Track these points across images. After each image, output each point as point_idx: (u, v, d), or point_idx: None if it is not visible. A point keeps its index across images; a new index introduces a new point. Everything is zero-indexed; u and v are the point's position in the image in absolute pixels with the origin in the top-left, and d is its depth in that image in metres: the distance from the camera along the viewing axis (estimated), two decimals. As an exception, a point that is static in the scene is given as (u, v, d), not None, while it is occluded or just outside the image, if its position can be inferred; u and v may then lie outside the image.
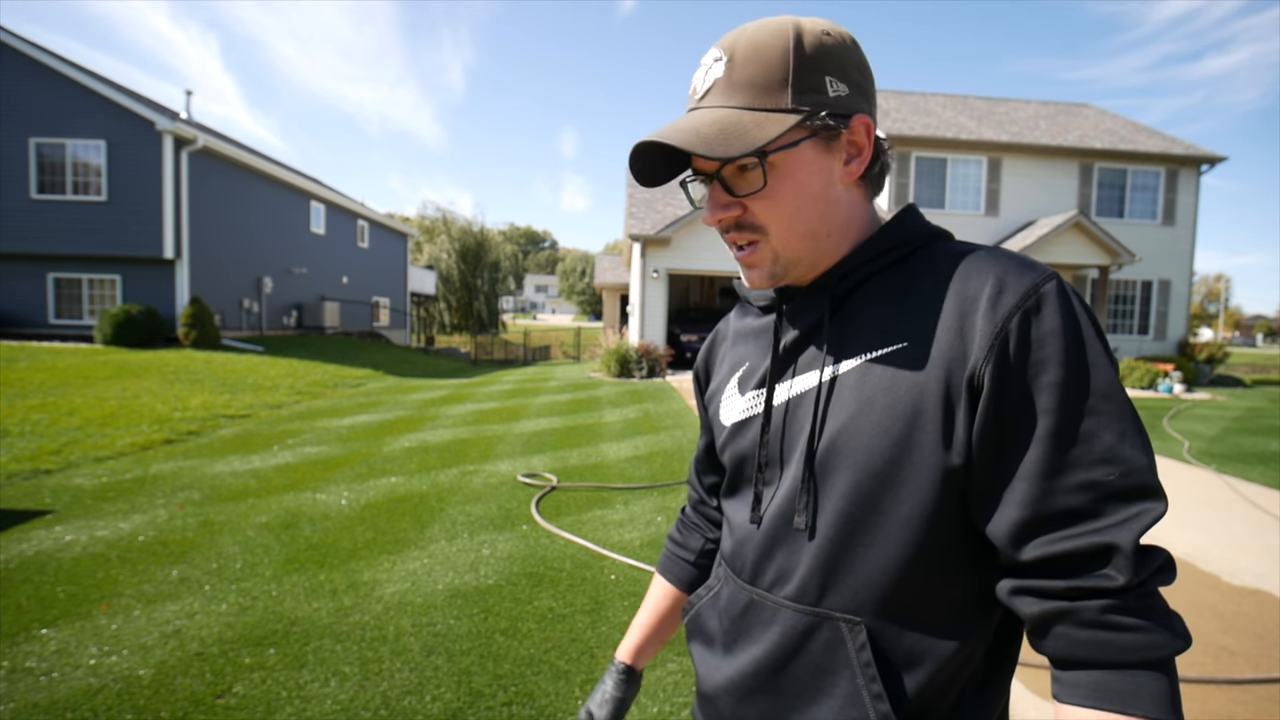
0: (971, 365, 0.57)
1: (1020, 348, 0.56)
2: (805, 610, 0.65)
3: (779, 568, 0.67)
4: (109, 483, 4.57)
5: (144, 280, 12.50)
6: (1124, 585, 0.52)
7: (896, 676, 0.62)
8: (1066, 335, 0.56)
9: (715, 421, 0.79)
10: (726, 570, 0.75)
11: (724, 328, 0.86)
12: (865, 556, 0.61)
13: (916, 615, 0.62)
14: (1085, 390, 0.55)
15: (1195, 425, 8.17)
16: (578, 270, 77.82)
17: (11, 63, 12.05)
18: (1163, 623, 0.53)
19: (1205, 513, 4.42)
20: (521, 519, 3.99)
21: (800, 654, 0.65)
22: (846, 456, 0.61)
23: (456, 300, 31.28)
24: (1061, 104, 18.41)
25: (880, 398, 0.60)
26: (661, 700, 2.16)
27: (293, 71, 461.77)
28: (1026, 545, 0.56)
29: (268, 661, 2.33)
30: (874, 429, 0.60)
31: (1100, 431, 0.54)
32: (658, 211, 15.59)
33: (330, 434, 6.55)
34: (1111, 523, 0.53)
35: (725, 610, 0.74)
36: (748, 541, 0.70)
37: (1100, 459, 0.54)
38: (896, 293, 0.64)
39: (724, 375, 0.79)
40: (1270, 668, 2.41)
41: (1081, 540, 0.53)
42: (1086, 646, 0.54)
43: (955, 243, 0.67)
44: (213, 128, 16.91)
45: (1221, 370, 16.19)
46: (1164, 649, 0.52)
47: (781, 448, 0.68)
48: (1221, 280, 75.67)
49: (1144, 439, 0.55)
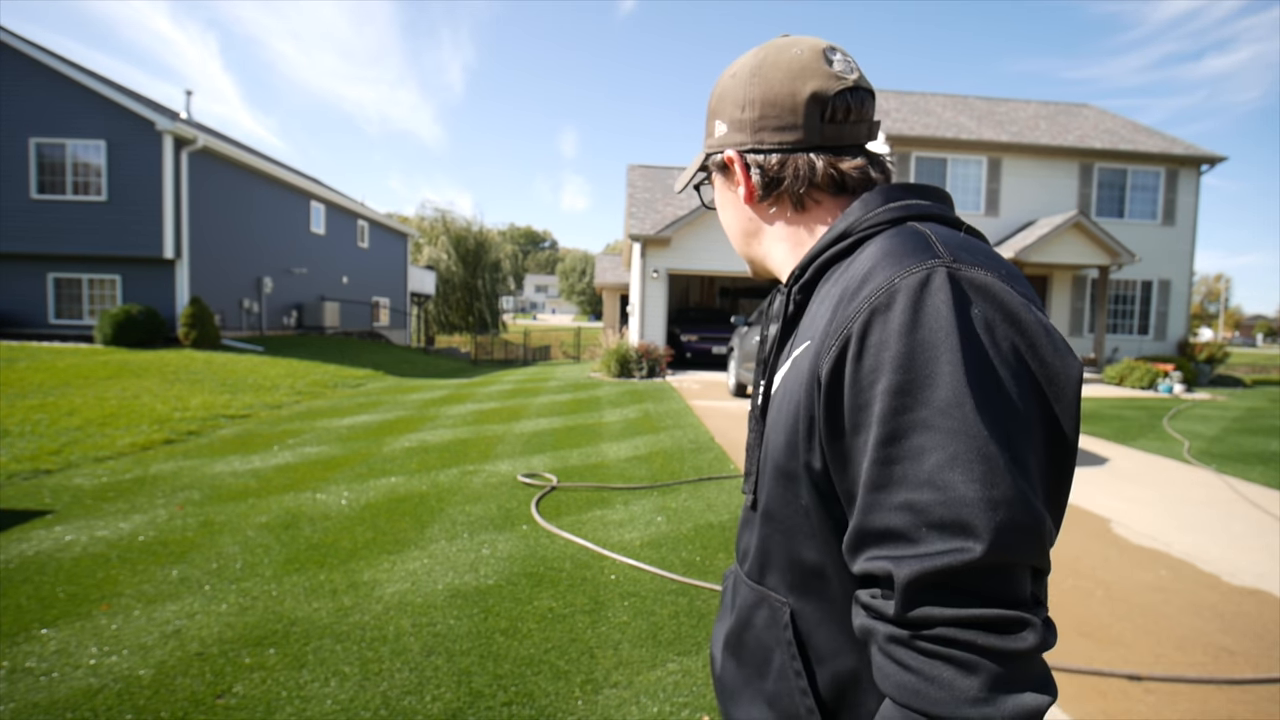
0: (827, 365, 0.55)
1: (858, 349, 0.52)
2: (752, 586, 0.71)
3: (744, 544, 0.75)
4: (109, 483, 4.57)
5: (144, 280, 12.50)
6: (892, 618, 0.49)
7: (817, 659, 0.64)
8: (908, 337, 0.50)
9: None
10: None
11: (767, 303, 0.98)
12: (783, 543, 0.66)
13: (830, 603, 0.62)
14: (919, 401, 0.49)
15: (1195, 425, 8.17)
16: (578, 270, 77.82)
17: (11, 63, 12.05)
18: (946, 678, 0.46)
19: (1205, 513, 4.42)
20: (521, 519, 3.99)
21: (749, 627, 0.71)
22: (769, 450, 0.67)
23: (456, 300, 31.28)
24: (1061, 104, 18.40)
25: (786, 396, 0.64)
26: (662, 700, 2.16)
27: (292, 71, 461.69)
28: (855, 557, 0.53)
29: (268, 661, 2.33)
30: (779, 426, 0.65)
31: (930, 450, 0.48)
32: (658, 211, 15.60)
33: (330, 434, 6.55)
34: (912, 553, 0.48)
35: (728, 584, 0.83)
36: (743, 523, 0.79)
37: (924, 481, 0.48)
38: (833, 285, 0.64)
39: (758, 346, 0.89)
40: (1270, 668, 2.41)
41: (875, 563, 0.50)
42: (876, 669, 0.51)
43: (907, 226, 0.61)
44: (213, 128, 16.92)
45: (1221, 370, 16.19)
46: (932, 706, 0.46)
47: (759, 441, 0.73)
48: (1221, 280, 75.67)
49: (986, 467, 0.47)
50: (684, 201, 16.17)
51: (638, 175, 18.17)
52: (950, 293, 0.51)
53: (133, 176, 12.14)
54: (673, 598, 2.92)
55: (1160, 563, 3.49)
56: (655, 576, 3.15)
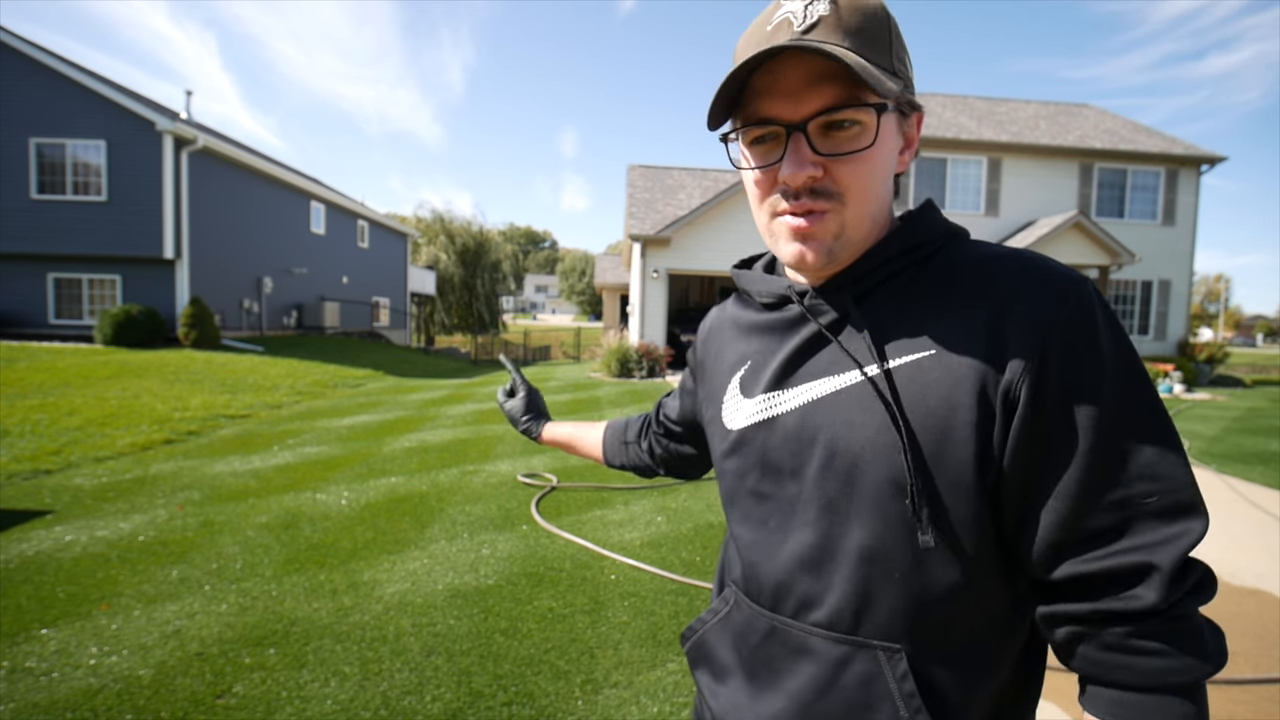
0: (1009, 377, 0.53)
1: (1061, 359, 0.53)
2: (840, 639, 0.59)
3: (804, 591, 0.61)
4: (109, 483, 4.57)
5: (144, 280, 12.50)
6: (1151, 607, 0.50)
7: (941, 703, 0.58)
8: (1111, 347, 0.54)
9: (714, 425, 0.73)
10: (736, 593, 0.69)
11: (720, 317, 0.79)
12: (902, 578, 0.56)
13: (955, 634, 0.58)
14: (1130, 405, 0.53)
15: (1195, 425, 8.17)
16: (578, 270, 77.82)
17: (11, 63, 12.05)
18: (1190, 647, 0.51)
19: (1205, 513, 4.42)
20: (521, 519, 3.99)
21: (834, 688, 0.59)
22: (873, 471, 0.57)
23: (456, 300, 31.26)
24: (1061, 104, 18.41)
25: (909, 408, 0.56)
26: (661, 700, 2.16)
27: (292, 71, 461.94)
28: (1058, 565, 0.54)
29: (268, 661, 2.33)
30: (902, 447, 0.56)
31: (1142, 447, 0.52)
32: (658, 211, 15.59)
33: (330, 434, 6.55)
34: (1150, 541, 0.51)
35: (740, 637, 0.67)
36: (764, 562, 0.64)
37: (1140, 475, 0.52)
38: (917, 295, 0.60)
39: (724, 373, 0.73)
40: (1270, 668, 2.41)
41: (1114, 560, 0.52)
42: (1106, 668, 0.53)
43: (974, 242, 0.63)
44: (213, 128, 16.92)
45: (1221, 370, 16.19)
46: (1185, 675, 0.50)
47: (801, 458, 0.61)
48: (1221, 280, 75.67)
49: (1183, 454, 0.53)
50: (684, 201, 16.17)
51: (638, 175, 18.16)
52: (1107, 303, 0.57)
53: (133, 176, 12.14)
54: (672, 598, 2.92)
55: (1160, 563, 3.48)
56: (655, 576, 3.15)
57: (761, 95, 0.58)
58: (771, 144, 0.59)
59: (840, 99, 0.56)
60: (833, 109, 0.56)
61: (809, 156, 0.57)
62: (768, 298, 0.69)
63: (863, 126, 0.57)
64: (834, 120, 0.57)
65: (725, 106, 0.59)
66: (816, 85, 0.56)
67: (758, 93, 0.58)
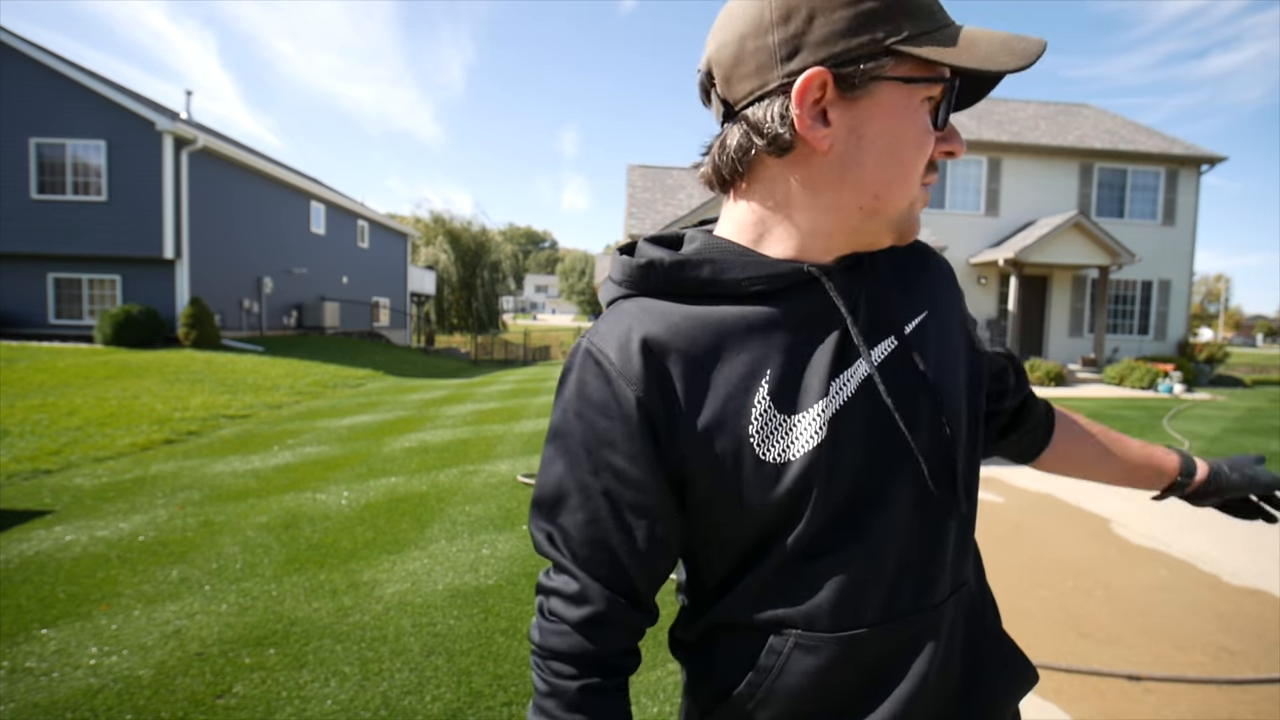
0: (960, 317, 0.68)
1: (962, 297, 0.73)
2: (958, 599, 0.63)
3: (918, 578, 0.58)
4: (109, 483, 4.57)
5: (144, 280, 12.49)
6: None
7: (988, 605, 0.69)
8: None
9: (743, 469, 0.54)
10: (813, 636, 0.56)
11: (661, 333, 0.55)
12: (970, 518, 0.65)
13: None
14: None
15: (1195, 425, 8.17)
16: (578, 270, 77.84)
17: (11, 63, 12.04)
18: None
19: (1205, 513, 4.40)
20: (521, 519, 3.99)
21: (950, 650, 0.61)
22: (959, 416, 0.62)
23: (456, 300, 31.26)
24: (1061, 104, 18.40)
25: (944, 357, 0.62)
26: (661, 700, 2.16)
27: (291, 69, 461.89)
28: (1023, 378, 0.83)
29: (268, 661, 2.33)
30: (956, 385, 0.63)
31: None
32: (658, 211, 15.59)
33: (330, 434, 6.55)
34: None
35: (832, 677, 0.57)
36: (872, 578, 0.56)
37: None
38: (892, 265, 0.64)
39: (725, 399, 0.54)
40: (1270, 668, 2.41)
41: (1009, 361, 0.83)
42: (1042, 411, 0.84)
43: None
44: (212, 127, 16.91)
45: (1221, 370, 16.18)
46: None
47: (891, 440, 0.57)
48: (1221, 280, 75.66)
49: None
50: (684, 201, 16.17)
51: (638, 175, 18.16)
52: None
53: (133, 176, 12.14)
54: (673, 598, 2.91)
55: (1160, 563, 3.49)
56: (655, 576, 3.15)
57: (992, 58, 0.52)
58: (930, 108, 0.54)
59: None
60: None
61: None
62: (763, 284, 0.56)
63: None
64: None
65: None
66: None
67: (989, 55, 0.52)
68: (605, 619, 0.57)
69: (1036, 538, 3.87)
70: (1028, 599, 3.00)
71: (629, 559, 0.57)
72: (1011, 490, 4.89)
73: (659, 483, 0.56)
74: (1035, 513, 4.36)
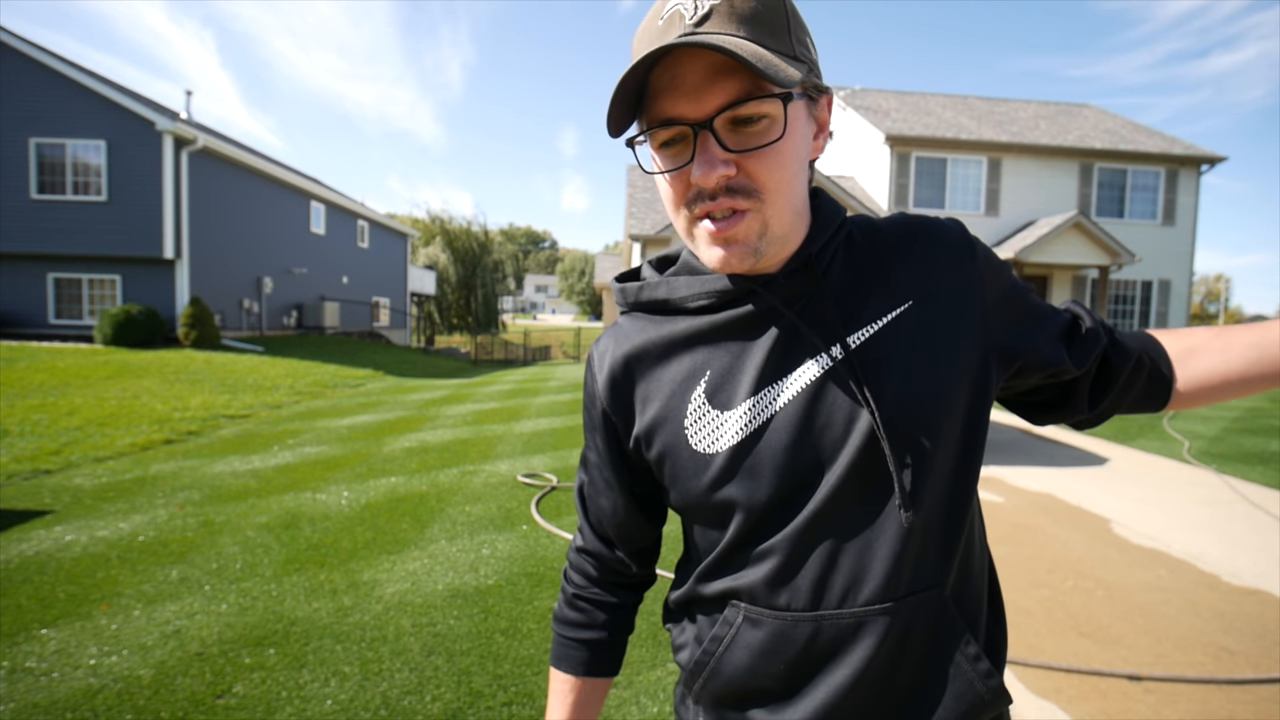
0: (981, 296, 0.64)
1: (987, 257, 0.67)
2: (888, 609, 0.59)
3: (848, 575, 0.59)
4: (109, 483, 4.57)
5: (144, 280, 12.50)
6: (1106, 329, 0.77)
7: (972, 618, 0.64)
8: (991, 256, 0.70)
9: (680, 458, 0.64)
10: (756, 610, 0.63)
11: (633, 343, 0.68)
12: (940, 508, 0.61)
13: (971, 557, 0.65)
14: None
15: (1195, 425, 8.17)
16: (578, 270, 77.88)
17: (11, 63, 12.04)
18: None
19: (1205, 513, 4.42)
20: (521, 519, 3.99)
21: (903, 659, 0.60)
22: (919, 421, 0.59)
23: (456, 300, 31.26)
24: (1061, 104, 18.41)
25: (918, 352, 0.60)
26: (661, 700, 2.16)
27: (290, 69, 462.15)
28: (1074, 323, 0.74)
29: (268, 661, 2.33)
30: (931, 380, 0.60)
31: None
32: (657, 211, 15.58)
33: (330, 434, 6.55)
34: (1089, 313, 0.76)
35: (770, 654, 0.62)
36: (796, 565, 0.60)
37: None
38: (861, 264, 0.64)
39: (674, 394, 0.65)
40: (1270, 668, 2.41)
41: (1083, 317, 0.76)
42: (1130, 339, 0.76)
43: (861, 215, 0.70)
44: (212, 127, 16.92)
45: (1221, 370, 16.15)
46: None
47: (820, 444, 0.60)
48: (1221, 280, 75.64)
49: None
50: (684, 201, 16.15)
51: (638, 176, 18.15)
52: None
53: (133, 176, 12.14)
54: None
55: (1160, 563, 3.49)
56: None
57: (662, 95, 0.54)
58: (681, 145, 0.56)
59: (743, 92, 0.53)
60: (736, 103, 0.53)
61: (720, 155, 0.54)
62: (705, 299, 0.63)
63: (771, 119, 0.54)
64: (740, 115, 0.54)
65: (627, 109, 0.56)
66: (717, 80, 0.53)
67: (658, 92, 0.55)
68: (593, 553, 0.78)
69: (1037, 538, 3.87)
70: (1028, 599, 3.00)
71: (606, 516, 0.75)
72: (1012, 490, 4.89)
73: (619, 465, 0.72)
74: (1035, 513, 4.36)
